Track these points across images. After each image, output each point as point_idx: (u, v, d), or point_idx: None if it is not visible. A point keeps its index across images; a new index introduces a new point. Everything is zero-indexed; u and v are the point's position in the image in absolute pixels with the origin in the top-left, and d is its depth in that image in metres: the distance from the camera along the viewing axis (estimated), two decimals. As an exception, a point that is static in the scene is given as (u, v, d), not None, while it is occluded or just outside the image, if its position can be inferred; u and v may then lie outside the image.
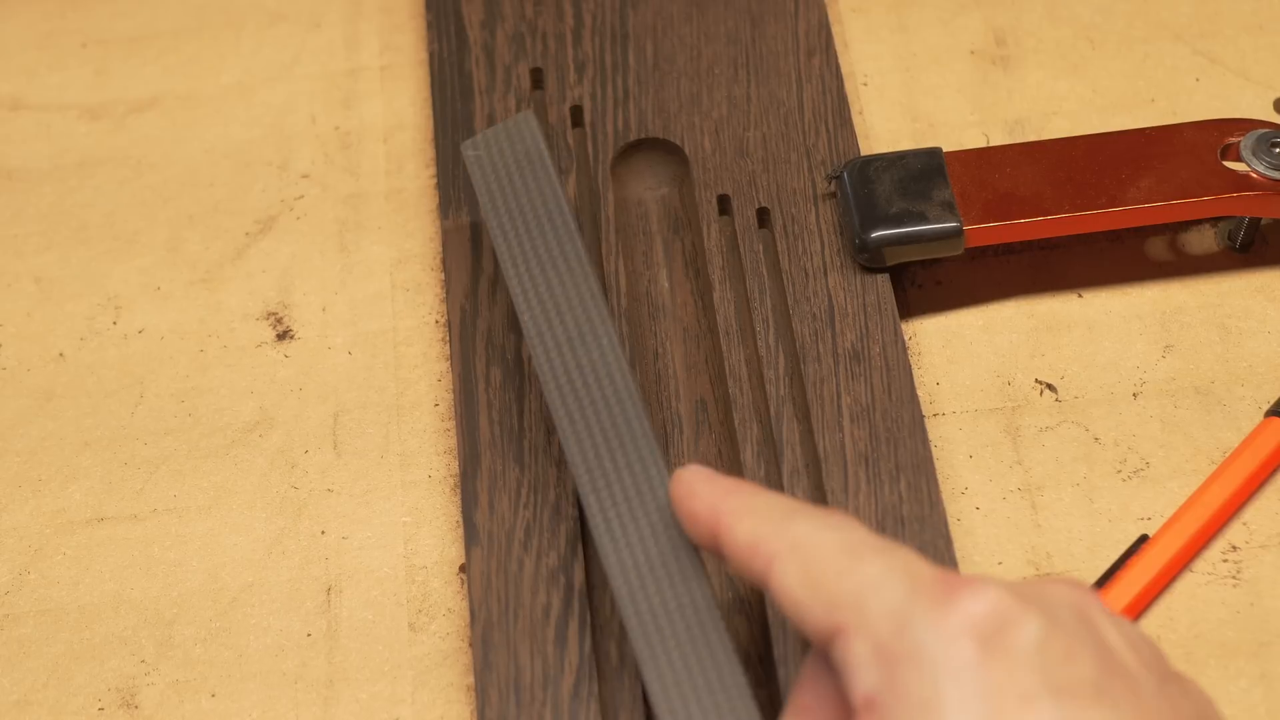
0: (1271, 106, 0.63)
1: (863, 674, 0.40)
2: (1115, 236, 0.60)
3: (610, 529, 0.48)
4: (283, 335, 0.59)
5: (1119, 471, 0.55)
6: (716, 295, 0.57)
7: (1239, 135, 0.58)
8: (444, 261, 0.59)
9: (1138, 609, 0.52)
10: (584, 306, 0.51)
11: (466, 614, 0.53)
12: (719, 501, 0.45)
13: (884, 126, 0.63)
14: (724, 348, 0.56)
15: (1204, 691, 0.42)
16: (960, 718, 0.38)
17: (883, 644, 0.40)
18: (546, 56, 0.63)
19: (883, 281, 0.57)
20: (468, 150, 0.55)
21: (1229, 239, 0.59)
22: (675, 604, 0.46)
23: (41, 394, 0.58)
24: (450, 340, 0.56)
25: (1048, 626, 0.40)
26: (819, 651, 0.43)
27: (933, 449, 0.54)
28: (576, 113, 0.61)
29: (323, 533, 0.55)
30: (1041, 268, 0.59)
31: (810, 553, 0.42)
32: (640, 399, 0.49)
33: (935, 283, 0.59)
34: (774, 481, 0.53)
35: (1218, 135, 0.58)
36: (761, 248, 0.58)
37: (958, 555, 0.53)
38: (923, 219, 0.57)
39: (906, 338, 0.57)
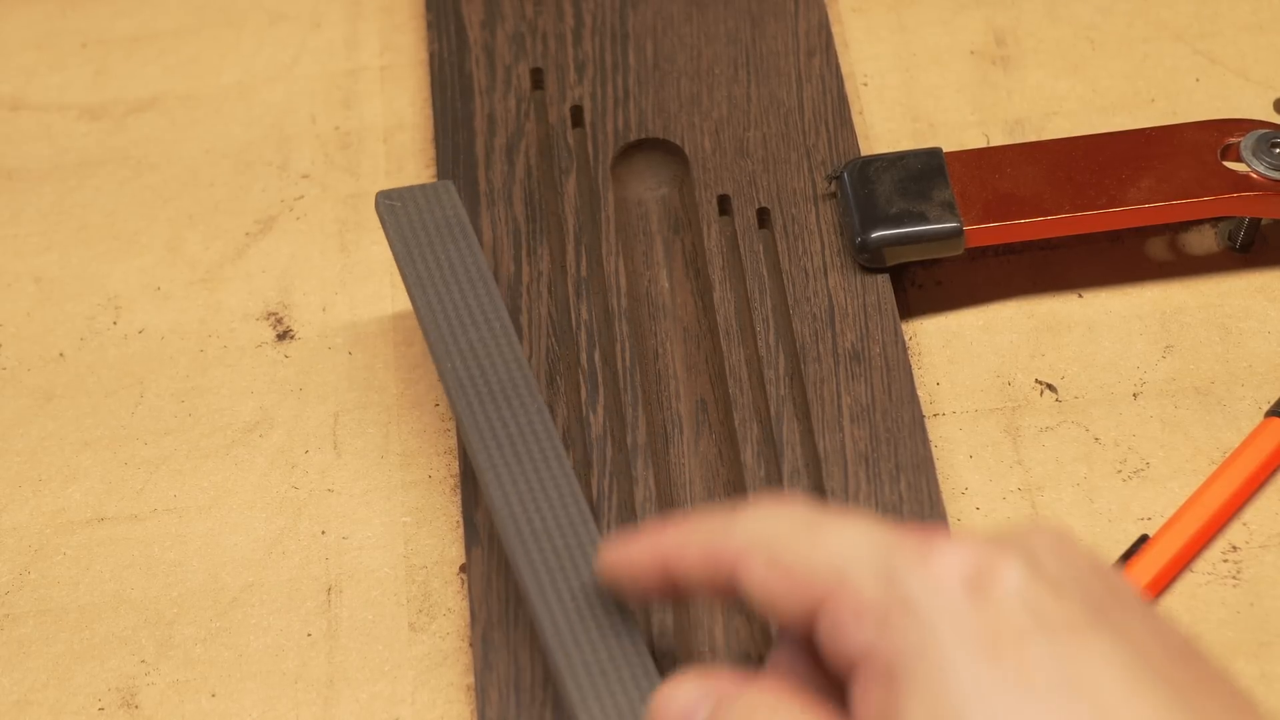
0: (1271, 106, 0.63)
1: (854, 631, 0.40)
2: (1115, 236, 0.60)
3: (540, 584, 0.48)
4: (283, 335, 0.59)
5: (1119, 471, 0.55)
6: (716, 295, 0.57)
7: (1239, 135, 0.58)
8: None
9: (1138, 609, 0.52)
10: (509, 368, 0.52)
11: (466, 614, 0.53)
12: (655, 541, 0.45)
13: (884, 126, 0.63)
14: (724, 348, 0.56)
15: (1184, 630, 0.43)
16: (959, 660, 0.39)
17: (872, 600, 0.40)
18: (546, 56, 0.63)
19: (883, 281, 0.57)
20: (382, 200, 0.55)
21: (1229, 239, 0.59)
22: (590, 611, 0.48)
23: (41, 394, 0.58)
24: (450, 340, 0.56)
25: (1030, 569, 0.40)
26: (788, 639, 0.44)
27: (933, 449, 0.54)
28: (576, 113, 0.61)
29: (323, 533, 0.55)
30: (1041, 268, 0.59)
31: (773, 541, 0.42)
32: (568, 461, 0.50)
33: (935, 283, 0.59)
34: (774, 481, 0.53)
35: (1218, 135, 0.58)
36: (761, 248, 0.58)
37: (958, 555, 0.53)
38: (923, 219, 0.57)
39: (906, 338, 0.57)
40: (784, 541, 0.42)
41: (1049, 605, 0.39)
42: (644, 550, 0.45)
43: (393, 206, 0.55)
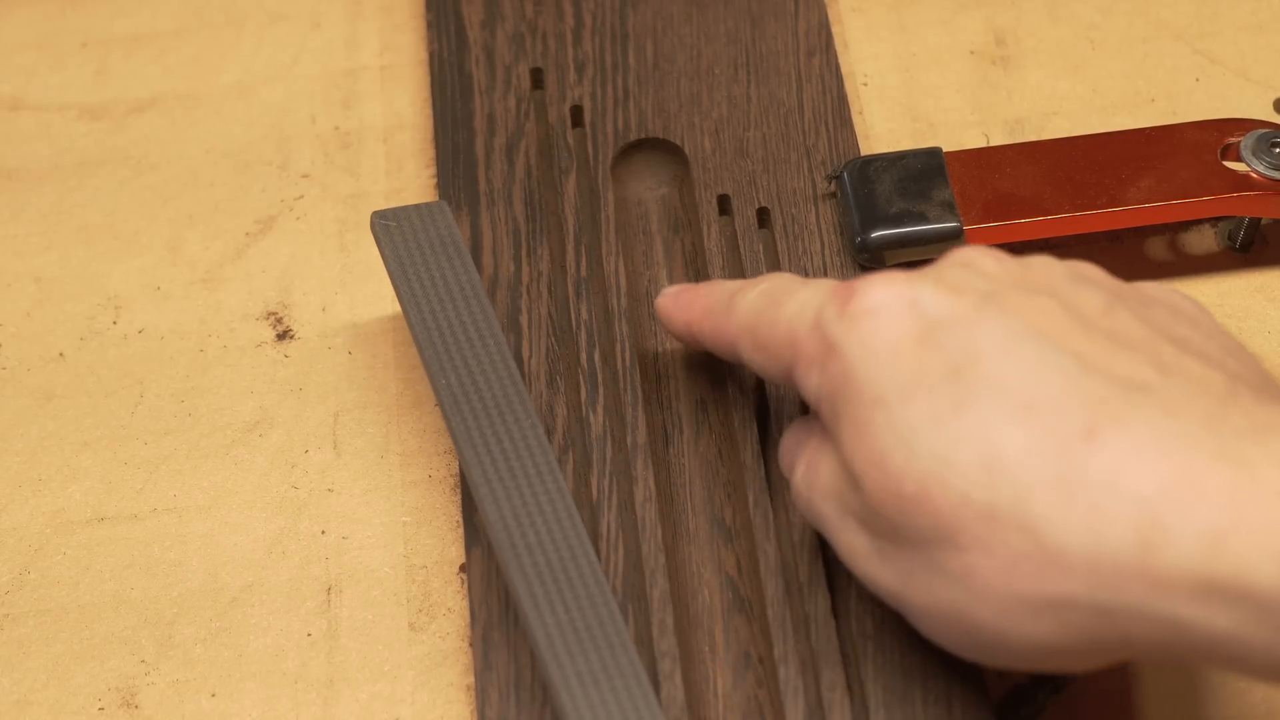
0: (1271, 106, 0.63)
1: (809, 384, 0.46)
2: (1115, 236, 0.60)
3: (534, 597, 0.49)
4: (283, 335, 0.59)
5: (1119, 471, 0.55)
6: (716, 295, 0.57)
7: (1239, 135, 0.58)
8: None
9: (1138, 609, 0.52)
10: (503, 385, 0.53)
11: (466, 614, 0.53)
12: (687, 316, 0.53)
13: (884, 126, 0.63)
14: (724, 348, 0.56)
15: (1152, 289, 0.47)
16: (870, 377, 0.44)
17: (812, 354, 0.46)
18: (546, 56, 0.63)
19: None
20: (377, 220, 0.56)
21: (1229, 239, 0.59)
22: (584, 624, 0.48)
23: (41, 394, 0.58)
24: (450, 340, 0.56)
25: (930, 284, 0.45)
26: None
27: (933, 449, 0.54)
28: (576, 113, 0.61)
29: (323, 533, 0.55)
30: (1041, 268, 0.59)
31: (753, 324, 0.49)
32: (562, 477, 0.51)
33: (935, 283, 0.59)
34: (774, 481, 0.53)
35: (1218, 135, 0.58)
36: (761, 248, 0.58)
37: (958, 555, 0.53)
38: (923, 219, 0.57)
39: (906, 338, 0.57)
40: (761, 321, 0.48)
41: (941, 306, 0.44)
42: (680, 322, 0.53)
43: (388, 226, 0.56)
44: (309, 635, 0.53)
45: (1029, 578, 0.41)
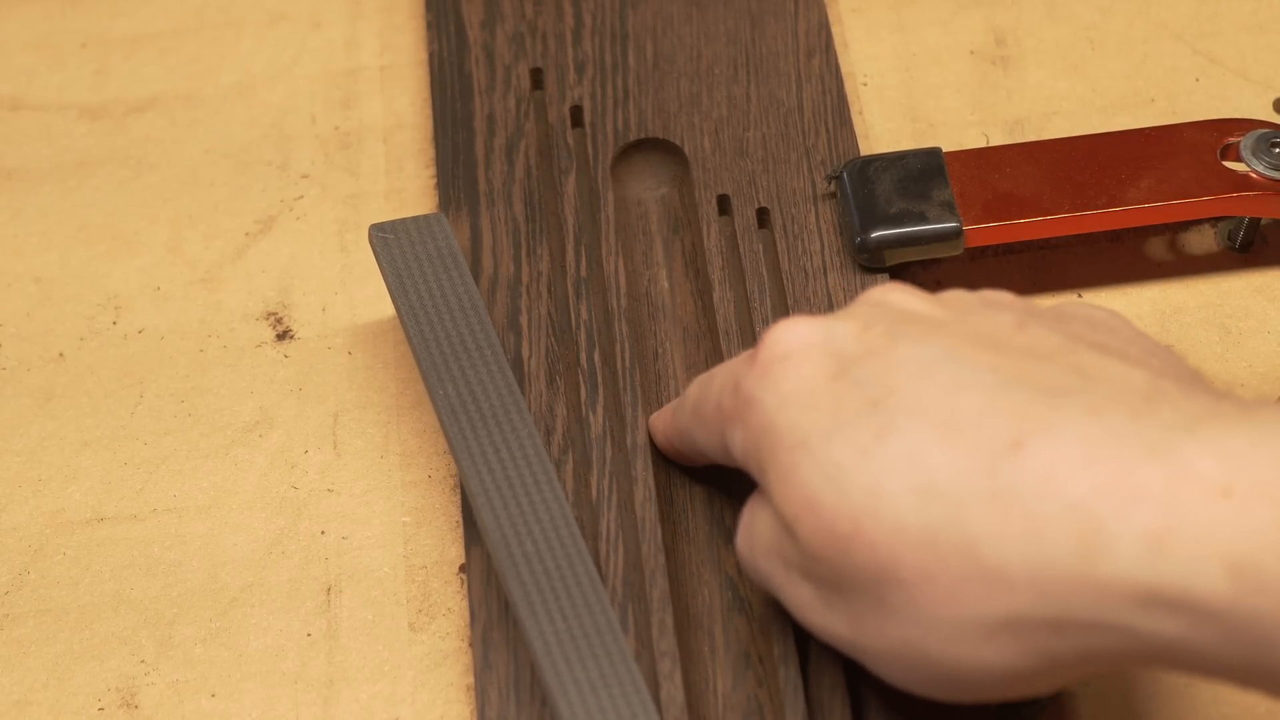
0: (1271, 106, 0.63)
1: (735, 446, 0.46)
2: (1115, 236, 0.60)
3: (532, 606, 0.49)
4: (283, 335, 0.59)
5: (1119, 471, 0.55)
6: (716, 295, 0.57)
7: (1239, 135, 0.58)
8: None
9: (1137, 609, 0.52)
10: (501, 396, 0.53)
11: (466, 614, 0.53)
12: (663, 426, 0.53)
13: (884, 126, 0.63)
14: (724, 348, 0.56)
15: (1076, 308, 0.46)
16: (784, 417, 0.43)
17: (733, 413, 0.46)
18: (546, 56, 0.63)
19: (883, 281, 0.57)
20: (375, 233, 0.56)
21: (1229, 239, 0.59)
22: (581, 632, 0.49)
23: (41, 394, 0.58)
24: (450, 340, 0.56)
25: (839, 323, 0.44)
26: None
27: (933, 449, 0.54)
28: (576, 113, 0.61)
29: (323, 533, 0.55)
30: (1041, 268, 0.59)
31: (696, 409, 0.49)
32: (560, 487, 0.51)
33: (935, 283, 0.59)
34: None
35: (1218, 135, 0.58)
36: (761, 248, 0.58)
37: (958, 555, 0.53)
38: (922, 219, 0.57)
39: (906, 338, 0.57)
40: (699, 402, 0.49)
41: (852, 343, 0.44)
42: (660, 437, 0.53)
43: (386, 239, 0.56)
44: (309, 635, 0.53)
45: (975, 600, 0.40)
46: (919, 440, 0.41)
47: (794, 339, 0.44)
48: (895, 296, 0.46)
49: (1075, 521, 0.39)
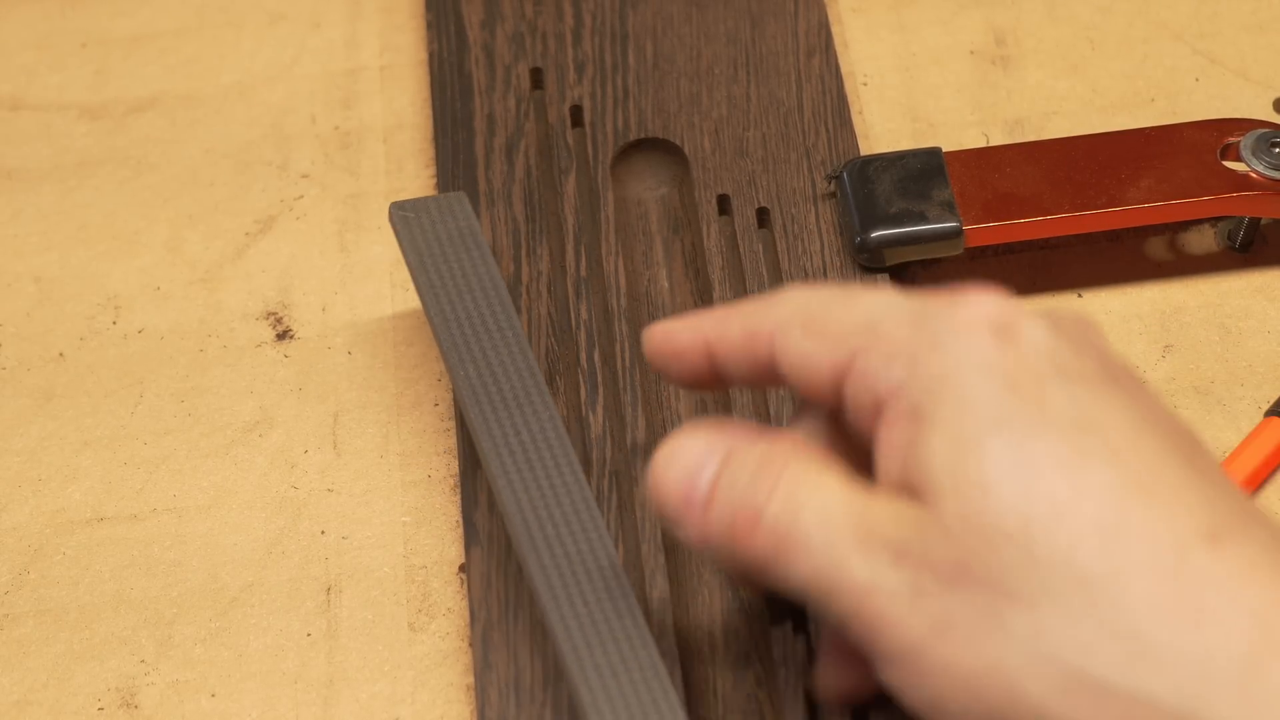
0: (1271, 106, 0.63)
1: (884, 374, 0.41)
2: (1115, 236, 0.60)
3: (552, 589, 0.48)
4: (283, 335, 0.59)
5: (1119, 471, 0.55)
6: (716, 295, 0.57)
7: (1239, 135, 0.58)
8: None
9: (1138, 609, 0.52)
10: (521, 377, 0.52)
11: (466, 614, 0.53)
12: (699, 324, 0.46)
13: (884, 126, 0.63)
14: (724, 348, 0.56)
15: None
16: (982, 392, 0.40)
17: (900, 345, 0.41)
18: (546, 56, 0.63)
19: (882, 281, 0.57)
20: (396, 211, 0.56)
21: (1229, 239, 0.59)
22: (602, 616, 0.48)
23: (41, 394, 0.58)
24: (450, 340, 0.56)
25: (1053, 328, 0.41)
26: (810, 411, 0.45)
27: (933, 449, 0.54)
28: (576, 113, 0.61)
29: (323, 533, 0.55)
30: (1041, 268, 0.59)
31: (809, 311, 0.43)
32: (580, 469, 0.50)
33: (935, 282, 0.59)
34: (774, 481, 0.53)
35: (1218, 135, 0.58)
36: (761, 248, 0.58)
37: (958, 555, 0.53)
38: (922, 219, 0.57)
39: (906, 338, 0.57)
40: (820, 309, 0.43)
41: (1068, 358, 0.41)
42: (688, 331, 0.46)
43: (406, 218, 0.55)
44: (309, 635, 0.53)
45: (1113, 662, 0.38)
46: (1115, 483, 0.39)
47: (1007, 315, 0.41)
48: (1096, 335, 0.43)
49: (1251, 628, 0.37)
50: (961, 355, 0.40)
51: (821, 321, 0.43)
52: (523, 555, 0.49)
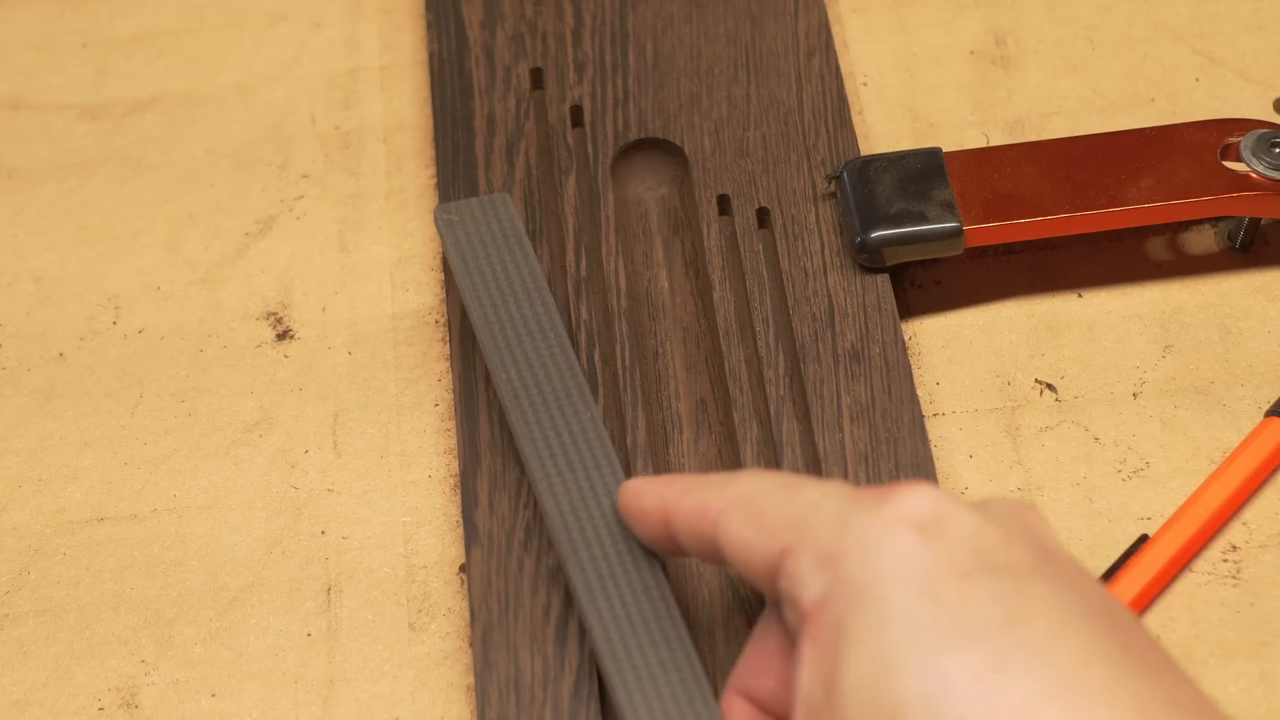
0: (1271, 106, 0.63)
1: (809, 582, 0.41)
2: (1115, 236, 0.60)
3: (591, 590, 0.48)
4: (283, 335, 0.59)
5: (1119, 471, 0.55)
6: (716, 295, 0.57)
7: (1239, 135, 0.58)
8: (444, 262, 0.59)
9: (1138, 609, 0.52)
10: (563, 378, 0.52)
11: (466, 614, 0.53)
12: (663, 490, 0.47)
13: (884, 126, 0.63)
14: (724, 348, 0.56)
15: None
16: (900, 595, 0.39)
17: (825, 548, 0.41)
18: (546, 56, 0.63)
19: (883, 281, 0.57)
20: (441, 214, 0.56)
21: (1229, 239, 0.59)
22: (640, 617, 0.48)
23: (41, 394, 0.58)
24: (450, 340, 0.56)
25: (984, 519, 0.41)
26: (768, 611, 0.45)
27: (933, 449, 0.54)
28: (576, 113, 0.61)
29: (323, 533, 0.55)
30: (1041, 268, 0.59)
31: (752, 498, 0.44)
32: (620, 471, 0.50)
33: (935, 283, 0.59)
34: (774, 481, 0.53)
35: (1218, 135, 0.58)
36: (761, 248, 0.58)
37: (958, 555, 0.53)
38: (922, 219, 0.57)
39: (906, 338, 0.57)
40: (763, 499, 0.44)
41: (996, 549, 0.40)
42: (652, 496, 0.47)
43: (451, 220, 0.56)
44: (309, 635, 0.53)
45: None
46: (1034, 693, 0.38)
47: (935, 511, 0.41)
48: (1034, 520, 0.42)
49: None
50: (885, 562, 0.40)
51: (761, 510, 0.43)
52: (562, 556, 0.49)
